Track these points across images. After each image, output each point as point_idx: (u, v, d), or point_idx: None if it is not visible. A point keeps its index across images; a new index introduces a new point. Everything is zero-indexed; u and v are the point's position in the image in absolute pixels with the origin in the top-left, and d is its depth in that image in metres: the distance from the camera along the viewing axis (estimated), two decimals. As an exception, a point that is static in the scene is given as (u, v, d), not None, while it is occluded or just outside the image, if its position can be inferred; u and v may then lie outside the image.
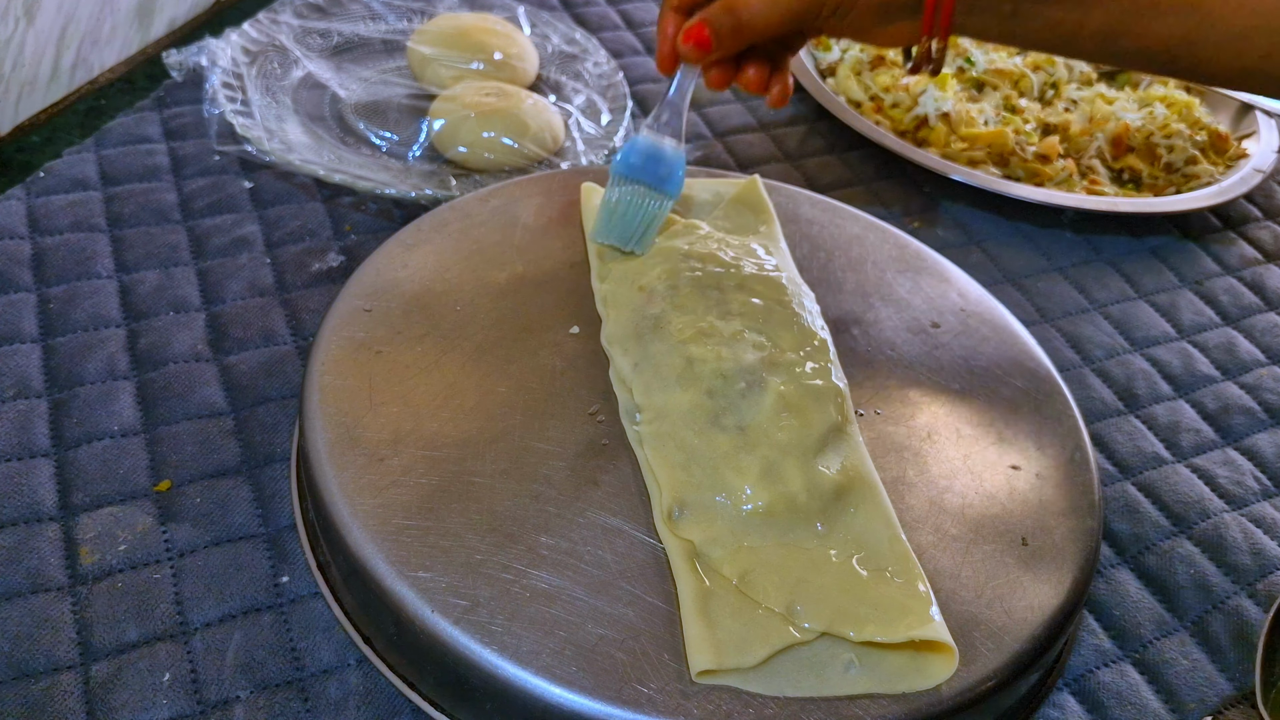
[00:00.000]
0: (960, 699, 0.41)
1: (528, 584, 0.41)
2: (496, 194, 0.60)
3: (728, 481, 0.44)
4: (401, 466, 0.45)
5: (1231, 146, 0.83)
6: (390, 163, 0.70)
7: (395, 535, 0.42)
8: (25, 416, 0.53)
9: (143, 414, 0.54)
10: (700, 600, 0.41)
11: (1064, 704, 0.48)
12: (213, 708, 0.43)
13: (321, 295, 0.62)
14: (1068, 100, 0.84)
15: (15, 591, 0.46)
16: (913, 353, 0.54)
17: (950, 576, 0.44)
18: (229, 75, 0.72)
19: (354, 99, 0.74)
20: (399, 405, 0.47)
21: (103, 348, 0.57)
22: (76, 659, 0.44)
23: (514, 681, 0.39)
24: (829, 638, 0.40)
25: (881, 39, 0.54)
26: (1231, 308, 0.72)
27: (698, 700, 0.39)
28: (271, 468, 0.52)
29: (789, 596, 0.41)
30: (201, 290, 0.61)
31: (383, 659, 0.44)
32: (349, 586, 0.44)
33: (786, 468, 0.44)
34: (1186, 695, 0.49)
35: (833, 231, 0.61)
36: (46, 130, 0.71)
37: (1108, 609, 0.52)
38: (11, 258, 0.61)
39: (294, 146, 0.68)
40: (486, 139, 0.69)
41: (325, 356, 0.49)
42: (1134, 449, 0.60)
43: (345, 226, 0.66)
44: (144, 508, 0.50)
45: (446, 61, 0.75)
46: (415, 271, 0.54)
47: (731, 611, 0.41)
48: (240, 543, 0.49)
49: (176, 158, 0.69)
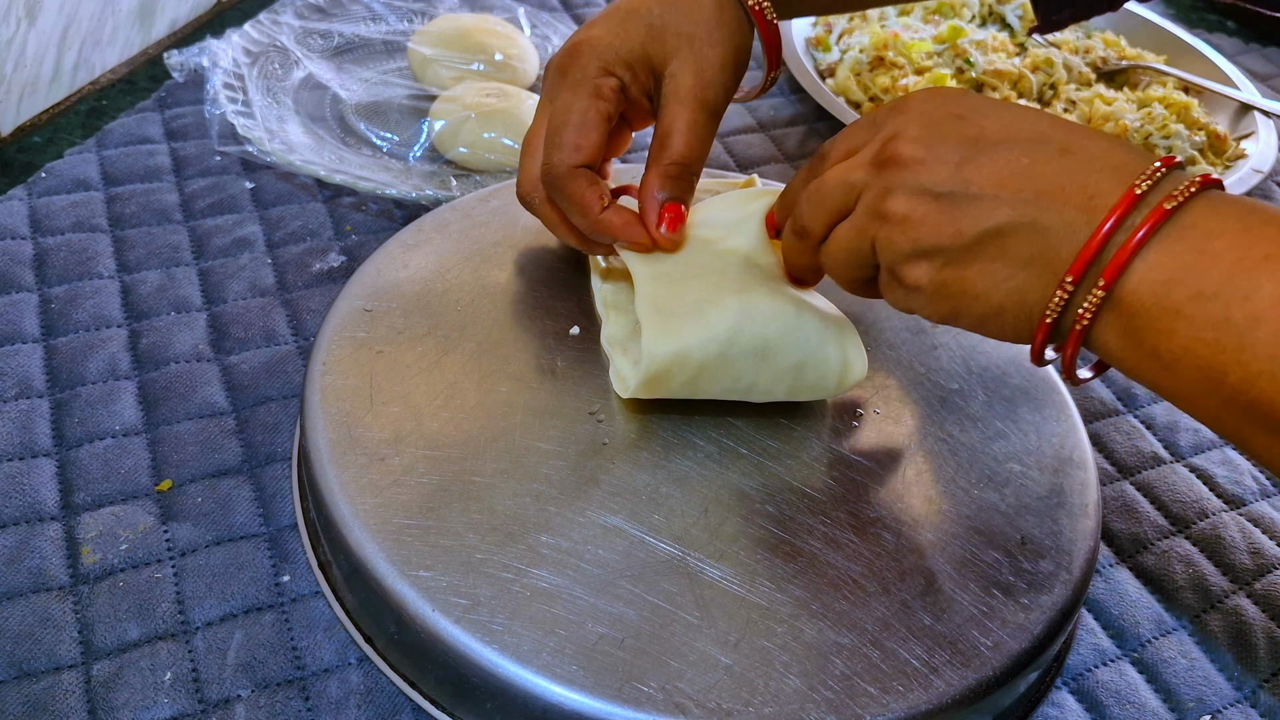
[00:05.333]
0: (960, 698, 0.41)
1: (528, 583, 0.42)
2: (497, 194, 0.60)
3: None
4: (402, 466, 0.45)
5: (1230, 147, 0.83)
6: (391, 163, 0.70)
7: (396, 534, 0.42)
8: (27, 416, 0.53)
9: (144, 414, 0.54)
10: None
11: (1063, 703, 0.48)
12: (214, 706, 0.43)
13: (322, 295, 0.62)
14: (1066, 101, 0.85)
15: (17, 591, 0.46)
16: (912, 353, 0.54)
17: (950, 576, 0.44)
18: (230, 76, 0.72)
19: (355, 100, 0.74)
20: (400, 405, 0.47)
21: (104, 348, 0.57)
22: (78, 658, 0.44)
23: (514, 680, 0.39)
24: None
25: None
26: (1230, 308, 0.72)
27: (698, 700, 0.39)
28: (272, 467, 0.52)
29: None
30: (203, 290, 0.61)
31: (383, 658, 0.44)
32: (350, 586, 0.45)
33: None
34: (1185, 694, 0.49)
35: (832, 232, 0.62)
36: (48, 130, 0.71)
37: (1106, 608, 0.52)
38: (13, 258, 0.61)
39: (295, 147, 0.68)
40: (487, 139, 0.69)
41: (326, 356, 0.49)
42: (1132, 449, 0.60)
43: (346, 227, 0.66)
44: (145, 507, 0.50)
45: (447, 62, 0.75)
46: (416, 271, 0.54)
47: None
48: (241, 542, 0.49)
49: (178, 158, 0.69)
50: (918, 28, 0.88)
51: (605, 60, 0.50)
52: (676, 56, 0.50)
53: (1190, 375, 0.37)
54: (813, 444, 0.49)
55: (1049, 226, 0.39)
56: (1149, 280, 0.37)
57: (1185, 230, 0.37)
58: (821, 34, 0.89)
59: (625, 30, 0.50)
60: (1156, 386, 0.39)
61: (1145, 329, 0.38)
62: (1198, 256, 0.37)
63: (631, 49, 0.50)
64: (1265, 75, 1.00)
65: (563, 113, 0.49)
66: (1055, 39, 0.90)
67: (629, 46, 0.50)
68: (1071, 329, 0.39)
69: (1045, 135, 0.40)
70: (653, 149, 0.50)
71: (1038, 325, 0.40)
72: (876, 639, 0.42)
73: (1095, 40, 0.92)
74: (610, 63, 0.50)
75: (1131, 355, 0.39)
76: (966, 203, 0.40)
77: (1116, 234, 0.38)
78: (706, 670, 0.40)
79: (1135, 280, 0.37)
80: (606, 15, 0.51)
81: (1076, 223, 0.38)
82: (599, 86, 0.49)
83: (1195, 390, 0.37)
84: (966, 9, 0.92)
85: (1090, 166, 0.39)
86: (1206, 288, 0.36)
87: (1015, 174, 0.40)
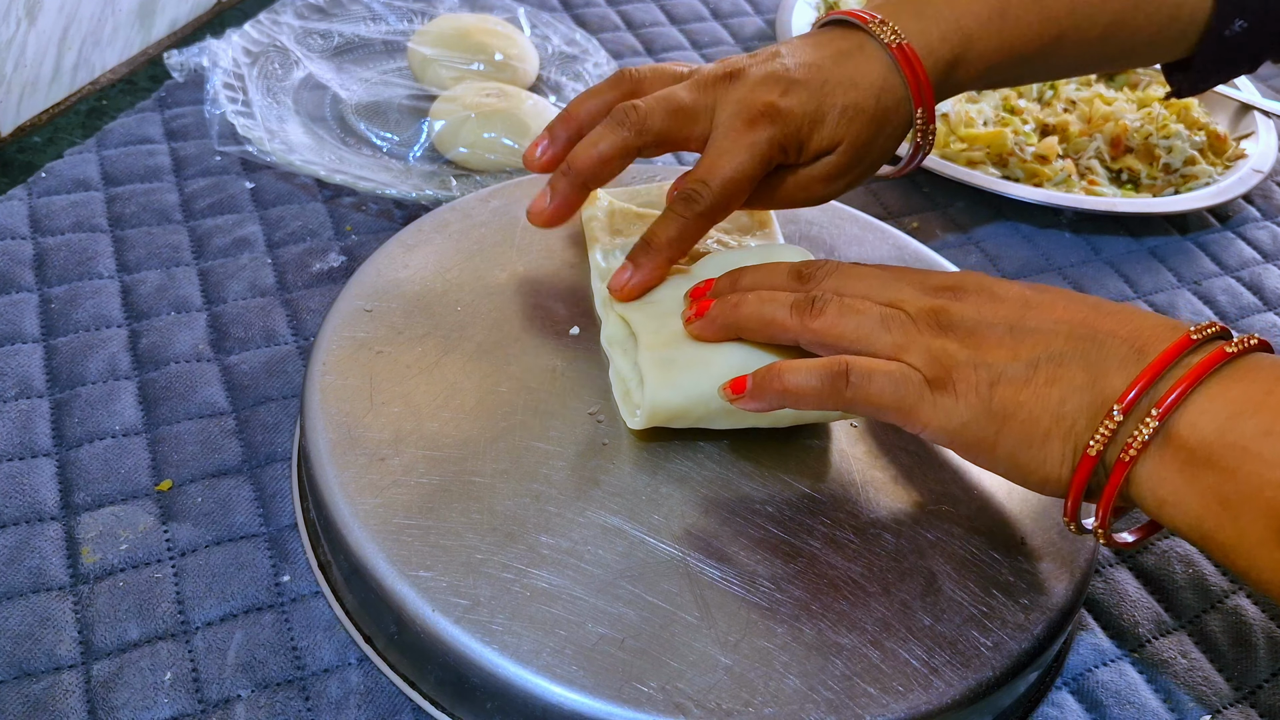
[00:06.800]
0: (960, 698, 0.41)
1: (528, 583, 0.42)
2: (497, 194, 0.60)
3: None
4: (402, 466, 0.45)
5: (1230, 147, 0.83)
6: (391, 163, 0.70)
7: (396, 535, 0.42)
8: (27, 416, 0.53)
9: (144, 414, 0.54)
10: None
11: (1063, 703, 0.48)
12: (214, 706, 0.43)
13: (322, 295, 0.62)
14: (1066, 101, 0.85)
15: (17, 591, 0.46)
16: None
17: (950, 576, 0.44)
18: (230, 76, 0.72)
19: (355, 100, 0.74)
20: (400, 405, 0.47)
21: (104, 348, 0.57)
22: (78, 658, 0.44)
23: (514, 680, 0.39)
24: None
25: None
26: (1230, 308, 0.72)
27: (698, 700, 0.39)
28: (272, 467, 0.52)
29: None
30: (203, 290, 0.61)
31: (383, 658, 0.44)
32: (350, 586, 0.45)
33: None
34: (1185, 694, 0.49)
35: (832, 232, 0.62)
36: (48, 130, 0.71)
37: (1106, 608, 0.52)
38: (13, 258, 0.61)
39: (295, 147, 0.68)
40: (487, 140, 0.69)
41: (326, 356, 0.49)
42: (1133, 449, 0.60)
43: (346, 227, 0.66)
44: (145, 507, 0.50)
45: (447, 62, 0.75)
46: (416, 272, 0.54)
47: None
48: (241, 542, 0.49)
49: (178, 158, 0.69)
50: (918, 28, 0.87)
51: (785, 138, 0.50)
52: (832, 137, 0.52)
53: (1254, 520, 0.35)
54: (813, 444, 0.49)
55: (1103, 359, 0.38)
56: (1210, 414, 0.36)
57: (1247, 372, 0.36)
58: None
59: (815, 108, 0.51)
60: (1210, 536, 0.36)
61: (1204, 466, 0.36)
62: (1265, 396, 0.35)
63: (803, 130, 0.51)
64: (1265, 75, 1.00)
65: (731, 170, 0.49)
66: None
67: (805, 129, 0.51)
68: (1116, 463, 0.38)
69: (1096, 303, 0.41)
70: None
71: (1080, 459, 0.38)
72: (876, 639, 0.42)
73: (1095, 40, 0.92)
74: (788, 140, 0.50)
75: (1187, 497, 0.36)
76: (1025, 334, 0.40)
77: (1173, 368, 0.37)
78: (706, 670, 0.40)
79: (1195, 413, 0.36)
80: (804, 84, 0.51)
81: (1130, 357, 0.38)
82: (766, 162, 0.50)
83: (1260, 537, 0.35)
84: (966, 9, 0.92)
85: (1145, 321, 0.39)
86: (1279, 426, 0.34)
87: (1072, 317, 0.40)
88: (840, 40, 0.53)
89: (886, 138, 0.53)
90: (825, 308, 0.43)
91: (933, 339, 0.41)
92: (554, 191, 0.51)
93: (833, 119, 0.51)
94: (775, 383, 0.42)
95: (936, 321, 0.42)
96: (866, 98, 0.51)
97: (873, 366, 0.41)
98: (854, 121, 0.51)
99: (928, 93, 0.52)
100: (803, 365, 0.42)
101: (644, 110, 0.50)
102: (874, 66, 0.52)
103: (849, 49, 0.52)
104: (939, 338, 0.41)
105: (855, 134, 0.51)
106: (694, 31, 0.91)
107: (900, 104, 0.52)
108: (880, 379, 0.41)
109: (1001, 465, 0.41)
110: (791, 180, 0.52)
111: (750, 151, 0.49)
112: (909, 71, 0.51)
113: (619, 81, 0.53)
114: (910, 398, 0.41)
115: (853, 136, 0.51)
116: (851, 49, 0.52)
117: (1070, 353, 0.39)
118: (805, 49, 0.52)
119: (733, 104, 0.50)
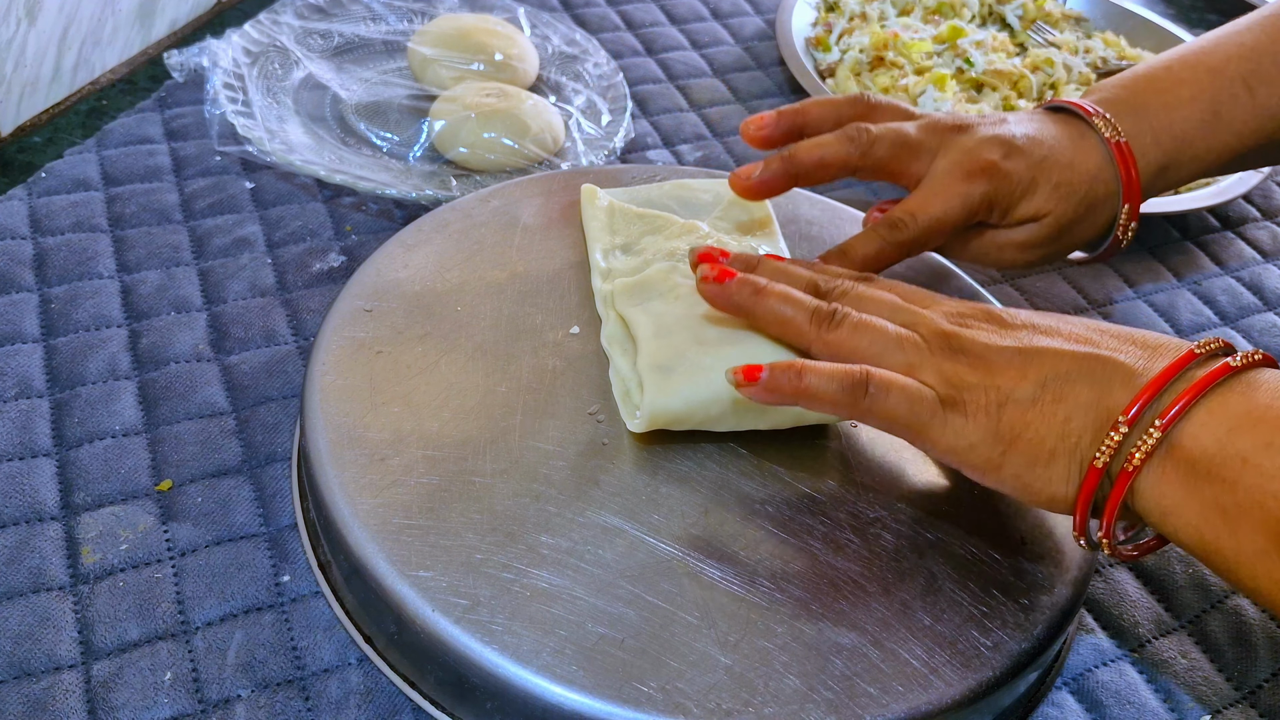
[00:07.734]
0: (960, 698, 0.41)
1: (528, 583, 0.42)
2: (497, 194, 0.60)
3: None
4: (402, 466, 0.45)
5: (1230, 147, 0.83)
6: (391, 163, 0.70)
7: (396, 535, 0.42)
8: (27, 416, 0.53)
9: (144, 414, 0.54)
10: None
11: (1063, 703, 0.48)
12: (214, 706, 0.43)
13: (322, 295, 0.62)
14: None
15: (17, 591, 0.46)
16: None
17: (950, 576, 0.44)
18: (230, 76, 0.72)
19: (355, 100, 0.74)
20: (400, 405, 0.47)
21: (104, 348, 0.57)
22: (78, 658, 0.44)
23: (514, 680, 0.39)
24: None
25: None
26: (1230, 308, 0.72)
27: (698, 700, 0.39)
28: (272, 467, 0.52)
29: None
30: (203, 290, 0.61)
31: (383, 658, 0.44)
32: (350, 586, 0.45)
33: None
34: (1185, 694, 0.49)
35: (832, 232, 0.62)
36: (48, 130, 0.71)
37: (1106, 608, 0.52)
38: (13, 258, 0.61)
39: (295, 147, 0.68)
40: (487, 140, 0.69)
41: (326, 356, 0.49)
42: (1133, 449, 0.60)
43: (346, 227, 0.66)
44: (145, 507, 0.50)
45: (447, 62, 0.75)
46: (416, 272, 0.54)
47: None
48: (241, 542, 0.49)
49: (178, 158, 0.69)
50: (918, 28, 0.88)
51: (996, 197, 0.53)
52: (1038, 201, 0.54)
53: (1253, 532, 0.35)
54: (813, 444, 0.49)
55: (1108, 376, 0.39)
56: (1211, 426, 0.36)
57: (1250, 386, 0.37)
58: (821, 34, 0.89)
59: (1031, 177, 0.53)
60: (1211, 547, 0.37)
61: (1206, 477, 0.36)
62: (1266, 409, 0.36)
63: (1015, 193, 0.53)
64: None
65: (940, 211, 0.52)
66: (1055, 39, 0.90)
67: (1017, 193, 0.53)
68: (1119, 473, 0.38)
69: (1101, 326, 0.42)
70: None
71: (1086, 472, 0.39)
72: (876, 639, 0.42)
73: (1095, 40, 0.92)
74: (998, 199, 0.53)
75: (1188, 508, 0.37)
76: (1033, 356, 0.41)
77: (1176, 381, 0.37)
78: (706, 670, 0.40)
79: (1197, 425, 0.37)
80: (1025, 152, 0.53)
81: (1133, 372, 0.39)
82: (972, 214, 0.53)
83: (1261, 548, 0.35)
84: (966, 9, 0.92)
85: (1149, 340, 0.40)
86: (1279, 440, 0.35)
87: (1078, 339, 0.41)
88: (1065, 125, 0.55)
89: (1089, 224, 0.55)
90: (843, 321, 0.44)
91: (944, 361, 0.42)
92: (766, 168, 0.54)
93: (1045, 191, 0.53)
94: (794, 381, 0.42)
95: (948, 345, 0.43)
96: (1081, 181, 0.54)
97: (891, 380, 0.42)
98: (1065, 199, 0.53)
99: (1136, 191, 0.54)
100: (825, 369, 0.42)
101: (874, 135, 0.53)
102: (1093, 156, 0.54)
103: (1073, 134, 0.55)
104: (950, 360, 0.42)
105: (1062, 211, 0.54)
106: (694, 31, 0.91)
107: (1110, 197, 0.54)
108: (897, 393, 0.42)
109: (1008, 485, 0.42)
110: (989, 238, 0.55)
111: (963, 200, 0.52)
112: (1124, 169, 0.54)
113: (855, 102, 0.56)
114: (924, 415, 0.41)
115: (1060, 212, 0.54)
116: (1075, 135, 0.55)
117: (1076, 372, 0.40)
118: (1032, 123, 0.55)
119: (957, 152, 0.53)
